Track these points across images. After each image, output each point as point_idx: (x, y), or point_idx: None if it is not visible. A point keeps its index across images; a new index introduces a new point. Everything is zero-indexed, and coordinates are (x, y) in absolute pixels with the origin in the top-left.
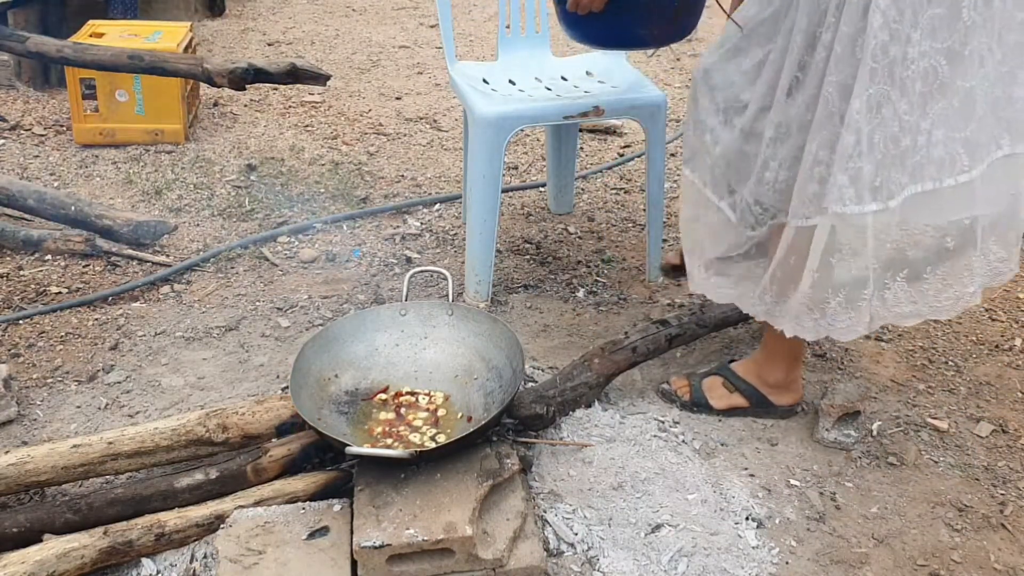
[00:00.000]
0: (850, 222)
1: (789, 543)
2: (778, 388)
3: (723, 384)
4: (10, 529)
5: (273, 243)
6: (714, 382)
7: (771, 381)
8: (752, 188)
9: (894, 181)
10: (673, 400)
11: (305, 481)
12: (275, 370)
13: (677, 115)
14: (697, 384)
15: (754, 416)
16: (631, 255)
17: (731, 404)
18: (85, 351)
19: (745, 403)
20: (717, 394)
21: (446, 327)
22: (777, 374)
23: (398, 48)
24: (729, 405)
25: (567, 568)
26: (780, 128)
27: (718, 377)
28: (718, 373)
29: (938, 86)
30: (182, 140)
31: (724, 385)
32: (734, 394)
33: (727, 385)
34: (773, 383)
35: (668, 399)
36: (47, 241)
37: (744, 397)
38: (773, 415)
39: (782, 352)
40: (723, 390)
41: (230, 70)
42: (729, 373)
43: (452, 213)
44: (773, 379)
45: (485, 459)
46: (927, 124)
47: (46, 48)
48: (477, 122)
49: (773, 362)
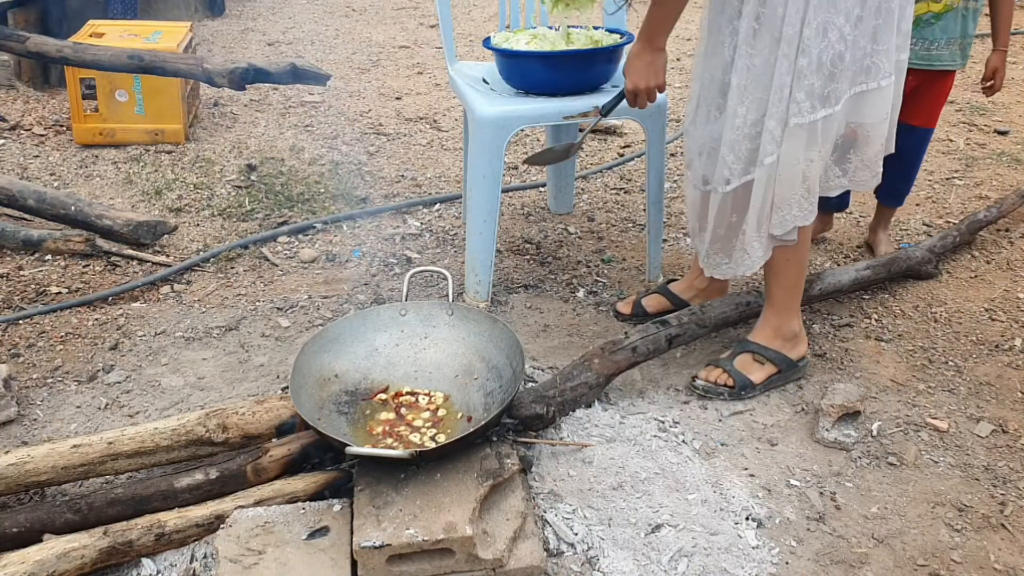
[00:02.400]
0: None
1: (789, 543)
2: (793, 340)
3: (753, 359)
4: (10, 529)
5: (273, 243)
6: (744, 360)
7: (788, 335)
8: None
9: (839, 89)
10: (718, 393)
11: (305, 481)
12: (275, 370)
13: (677, 115)
14: (732, 368)
15: (783, 381)
16: (631, 255)
17: (767, 375)
18: (85, 351)
19: (776, 369)
20: (752, 369)
21: (446, 327)
22: (792, 325)
23: (398, 48)
24: (766, 376)
25: (567, 568)
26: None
27: (746, 354)
28: (744, 351)
29: (872, 8)
30: (182, 140)
31: (755, 359)
32: (766, 364)
33: (757, 359)
34: (790, 336)
35: (710, 394)
36: (47, 241)
37: (775, 364)
38: (796, 375)
39: (790, 302)
40: (755, 364)
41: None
42: (754, 347)
43: (452, 213)
44: (789, 332)
45: (485, 459)
46: (864, 40)
47: (46, 48)
48: (477, 122)
49: (785, 315)
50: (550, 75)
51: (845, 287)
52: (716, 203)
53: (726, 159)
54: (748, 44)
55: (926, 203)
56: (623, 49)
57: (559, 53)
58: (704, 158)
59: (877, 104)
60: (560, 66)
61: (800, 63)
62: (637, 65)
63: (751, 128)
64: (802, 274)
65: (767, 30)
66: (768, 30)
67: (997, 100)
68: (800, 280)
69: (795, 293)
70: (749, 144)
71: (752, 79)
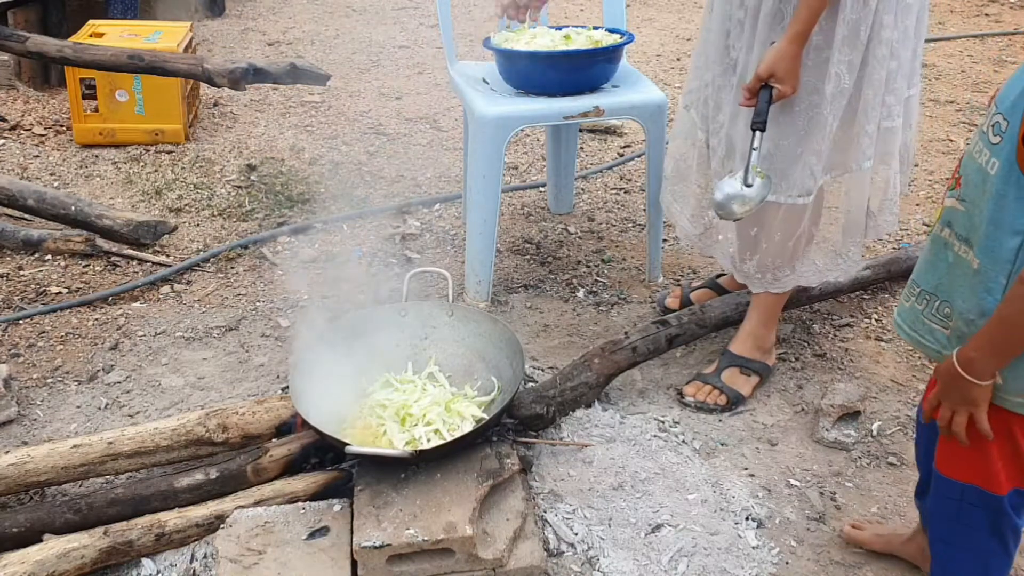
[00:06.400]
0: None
1: (789, 543)
2: (770, 350)
3: (740, 372)
4: (10, 529)
5: (273, 243)
6: (732, 374)
7: (767, 346)
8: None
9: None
10: (712, 410)
11: (305, 481)
12: (275, 370)
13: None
14: (722, 384)
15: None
16: (631, 255)
17: (753, 386)
18: (85, 351)
19: (760, 379)
20: (741, 383)
21: (446, 327)
22: (772, 335)
23: (398, 48)
24: (753, 387)
25: (567, 568)
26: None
27: (733, 368)
28: (729, 365)
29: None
30: (182, 140)
31: (742, 373)
32: (751, 376)
33: (744, 372)
34: (768, 346)
35: (702, 412)
36: (47, 241)
37: (759, 375)
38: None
39: (773, 316)
40: (743, 377)
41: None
42: (741, 360)
43: (452, 213)
44: (768, 342)
45: (485, 459)
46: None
47: (46, 48)
48: (477, 122)
49: (767, 327)
50: (550, 75)
51: (845, 287)
52: (785, 213)
53: (813, 168)
54: (839, 51)
55: (926, 203)
56: (623, 49)
57: (559, 53)
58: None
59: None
60: (560, 66)
61: (891, 66)
62: (795, 68)
63: (838, 133)
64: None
65: (853, 35)
66: (854, 35)
67: None
68: (787, 293)
69: (779, 305)
70: (831, 148)
71: (843, 85)
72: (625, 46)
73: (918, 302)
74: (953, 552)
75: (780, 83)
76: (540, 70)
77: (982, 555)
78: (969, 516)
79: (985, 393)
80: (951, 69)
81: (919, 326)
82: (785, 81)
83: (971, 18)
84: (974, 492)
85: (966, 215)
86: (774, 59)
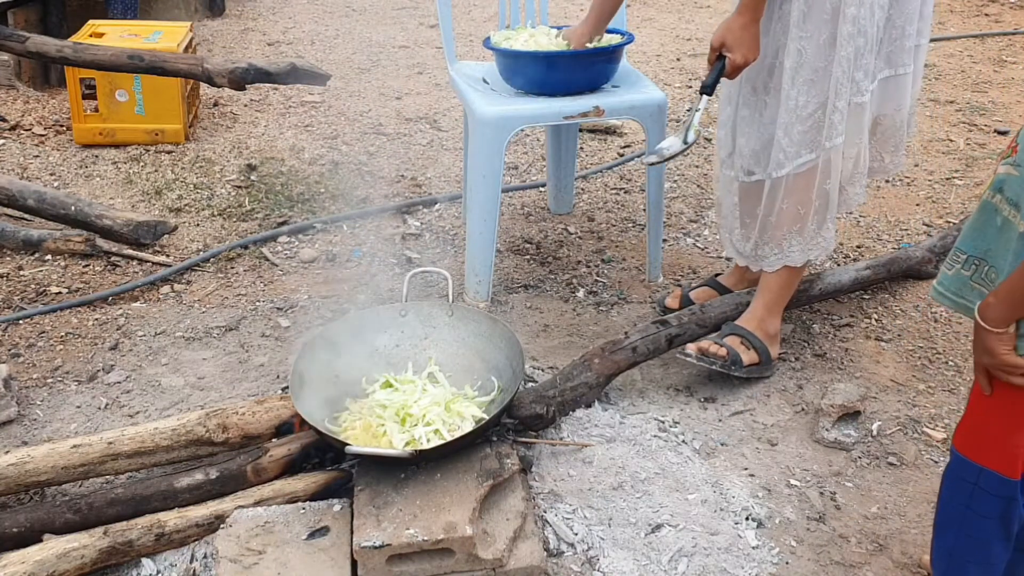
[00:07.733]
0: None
1: (789, 543)
2: (773, 339)
3: (741, 342)
4: (10, 529)
5: (273, 243)
6: (733, 340)
7: (771, 332)
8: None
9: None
10: (711, 363)
11: (305, 481)
12: (275, 370)
13: (677, 115)
14: (723, 342)
15: (759, 374)
16: (631, 255)
17: (752, 360)
18: (85, 351)
19: (757, 359)
20: (741, 350)
21: (446, 327)
22: (775, 323)
23: (398, 48)
24: (751, 361)
25: (567, 568)
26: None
27: (735, 336)
28: (732, 333)
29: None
30: (182, 140)
31: (743, 343)
32: (751, 351)
33: (744, 343)
34: (772, 333)
35: (702, 363)
36: (47, 241)
37: (758, 354)
38: (768, 372)
39: (780, 301)
40: (743, 347)
41: (230, 70)
42: (743, 331)
43: (452, 213)
44: (773, 329)
45: (485, 459)
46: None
47: (46, 48)
48: (477, 122)
49: (773, 313)
50: (550, 75)
51: (845, 287)
52: (767, 190)
53: (781, 142)
54: (798, 27)
55: (926, 203)
56: (623, 49)
57: (559, 53)
58: (750, 145)
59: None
60: (560, 66)
61: (858, 43)
62: (744, 37)
63: (807, 110)
64: (797, 275)
65: (817, 12)
66: (819, 12)
67: (997, 100)
68: (794, 281)
69: (786, 293)
70: (801, 126)
71: (805, 61)
72: (625, 46)
73: (964, 268)
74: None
75: (730, 52)
76: (540, 70)
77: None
78: (981, 502)
79: (997, 341)
80: (951, 69)
81: (967, 291)
82: (735, 50)
83: (971, 18)
84: (993, 478)
85: (1019, 179)
86: (724, 29)
